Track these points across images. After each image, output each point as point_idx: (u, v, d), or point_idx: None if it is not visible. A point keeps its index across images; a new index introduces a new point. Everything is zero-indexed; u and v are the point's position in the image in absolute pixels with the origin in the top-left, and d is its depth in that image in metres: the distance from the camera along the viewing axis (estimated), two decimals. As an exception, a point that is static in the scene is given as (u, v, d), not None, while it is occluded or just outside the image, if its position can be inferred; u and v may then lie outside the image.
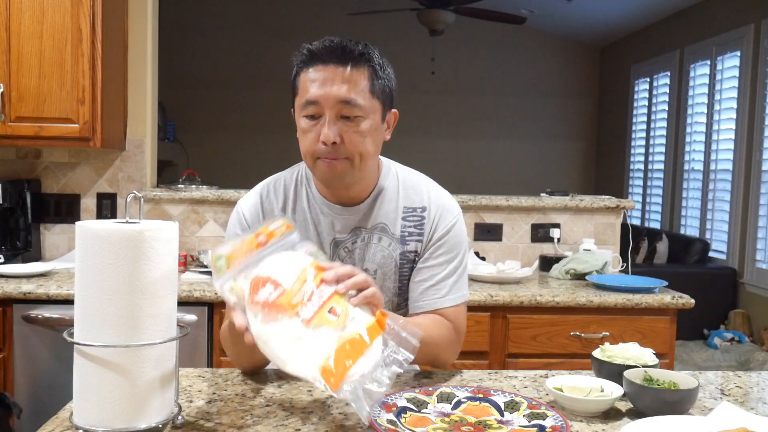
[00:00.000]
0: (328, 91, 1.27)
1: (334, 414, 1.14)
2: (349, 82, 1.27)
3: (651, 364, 1.25)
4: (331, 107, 1.28)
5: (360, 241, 1.41)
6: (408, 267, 1.42)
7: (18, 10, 2.51)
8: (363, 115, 1.30)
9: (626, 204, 3.04)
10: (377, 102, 1.32)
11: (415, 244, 1.42)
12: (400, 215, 1.42)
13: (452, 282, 1.41)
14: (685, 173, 6.19)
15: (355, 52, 1.28)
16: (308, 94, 1.29)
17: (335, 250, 1.42)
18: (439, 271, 1.41)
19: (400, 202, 1.43)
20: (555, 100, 8.35)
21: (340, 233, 1.42)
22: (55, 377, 2.28)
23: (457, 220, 1.44)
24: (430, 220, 1.42)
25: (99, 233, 0.98)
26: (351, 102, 1.28)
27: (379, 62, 1.32)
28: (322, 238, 1.42)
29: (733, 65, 5.51)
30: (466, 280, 1.45)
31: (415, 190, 1.45)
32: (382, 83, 1.33)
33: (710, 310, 5.22)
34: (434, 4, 6.19)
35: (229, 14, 7.75)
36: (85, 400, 1.01)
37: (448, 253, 1.42)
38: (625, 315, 2.40)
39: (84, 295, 1.00)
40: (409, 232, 1.42)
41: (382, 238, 1.41)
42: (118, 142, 2.82)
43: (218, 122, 7.86)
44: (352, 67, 1.28)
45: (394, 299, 1.44)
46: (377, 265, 1.41)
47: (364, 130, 1.30)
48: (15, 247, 2.74)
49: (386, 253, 1.41)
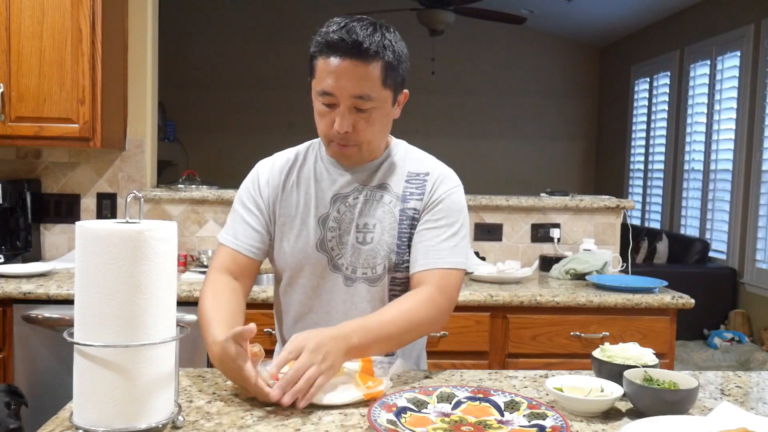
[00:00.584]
0: (344, 85, 1.31)
1: (334, 414, 1.13)
2: (363, 78, 1.32)
3: (651, 364, 1.25)
4: (345, 100, 1.33)
5: (362, 197, 1.45)
6: (407, 224, 1.44)
7: (18, 10, 2.50)
8: (375, 107, 1.35)
9: (626, 204, 3.04)
10: (389, 91, 1.37)
11: (415, 203, 1.45)
12: (404, 178, 1.47)
13: (451, 246, 1.42)
14: (685, 173, 6.19)
15: (371, 49, 1.31)
16: (324, 84, 1.33)
17: (334, 205, 1.45)
18: (438, 234, 1.42)
19: (405, 168, 1.48)
20: (555, 100, 8.35)
21: (343, 189, 1.45)
22: (55, 377, 2.28)
23: (457, 189, 1.48)
24: (431, 183, 1.46)
25: (99, 233, 0.98)
26: (363, 97, 1.33)
27: (394, 54, 1.35)
28: (322, 194, 1.46)
29: (733, 65, 5.51)
30: (466, 251, 1.46)
31: (420, 161, 1.51)
32: (395, 74, 1.36)
33: (710, 310, 5.22)
34: (434, 4, 6.19)
35: (229, 14, 7.75)
36: (85, 400, 1.01)
37: (447, 217, 1.44)
38: (625, 315, 2.40)
39: (84, 295, 1.00)
40: (410, 192, 1.46)
41: (384, 196, 1.45)
42: (118, 142, 2.82)
43: (218, 122, 7.87)
44: (366, 63, 1.31)
45: (392, 257, 1.43)
46: (377, 219, 1.44)
47: (375, 119, 1.37)
48: (15, 247, 2.74)
49: (386, 209, 1.44)
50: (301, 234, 1.45)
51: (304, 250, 1.45)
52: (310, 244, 1.44)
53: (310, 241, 1.45)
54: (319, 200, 1.46)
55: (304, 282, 1.47)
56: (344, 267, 1.44)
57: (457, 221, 1.45)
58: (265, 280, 2.79)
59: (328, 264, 1.45)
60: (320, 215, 1.45)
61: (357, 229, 1.43)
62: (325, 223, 1.44)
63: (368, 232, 1.43)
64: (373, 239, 1.43)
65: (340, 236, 1.44)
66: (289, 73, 7.84)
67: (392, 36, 1.36)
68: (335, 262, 1.45)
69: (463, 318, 2.34)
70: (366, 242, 1.43)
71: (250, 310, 2.25)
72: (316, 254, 1.45)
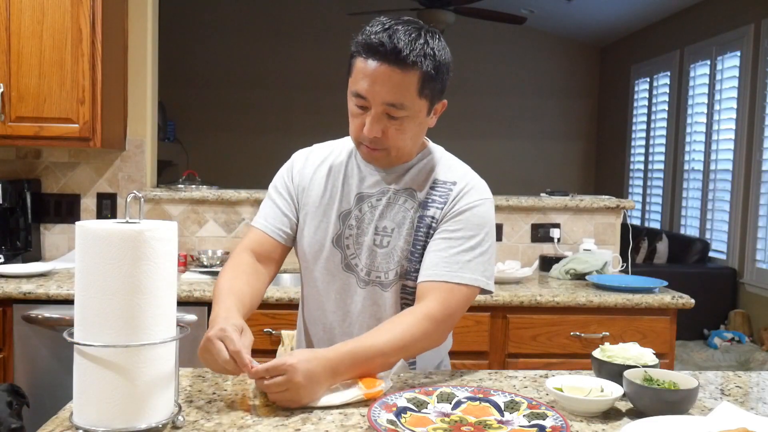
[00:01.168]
0: (377, 91, 1.29)
1: (334, 414, 1.13)
2: (398, 86, 1.28)
3: (651, 364, 1.25)
4: (378, 106, 1.30)
5: (385, 199, 1.42)
6: (423, 232, 1.40)
7: (18, 10, 2.51)
8: (409, 116, 1.32)
9: (626, 204, 3.04)
10: (425, 101, 1.33)
11: (434, 210, 1.40)
12: (429, 185, 1.43)
13: (465, 260, 1.35)
14: (685, 173, 6.19)
15: (410, 57, 1.27)
16: (358, 86, 1.31)
17: (358, 204, 1.43)
18: (453, 245, 1.36)
19: (433, 175, 1.44)
20: (555, 100, 8.35)
21: (368, 189, 1.44)
22: (55, 377, 2.28)
23: (484, 202, 1.41)
24: (455, 192, 1.41)
25: (99, 233, 0.98)
26: (397, 105, 1.30)
27: (434, 64, 1.30)
28: (348, 190, 1.45)
29: (733, 65, 5.51)
30: (484, 268, 1.38)
31: (451, 170, 1.45)
32: (433, 83, 1.33)
33: (710, 310, 5.22)
34: (434, 4, 6.19)
35: (229, 14, 7.75)
36: (85, 400, 1.01)
37: (466, 230, 1.37)
38: (625, 315, 2.40)
39: (84, 295, 1.00)
40: (433, 198, 1.41)
41: (407, 201, 1.42)
42: (118, 142, 2.82)
43: (218, 122, 7.87)
44: (403, 71, 1.27)
45: (404, 263, 1.40)
46: (395, 223, 1.41)
47: (406, 128, 1.34)
48: (15, 247, 2.74)
49: (407, 214, 1.41)
50: (321, 226, 1.45)
51: (321, 242, 1.45)
52: (328, 237, 1.44)
53: (328, 234, 1.44)
54: (344, 196, 1.45)
55: (317, 276, 1.47)
56: (359, 268, 1.43)
57: (477, 235, 1.38)
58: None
59: (341, 262, 1.44)
60: (342, 211, 1.44)
61: (375, 231, 1.41)
62: (345, 220, 1.43)
63: (386, 235, 1.41)
64: (390, 243, 1.41)
65: (358, 236, 1.42)
66: (289, 73, 7.85)
67: (436, 44, 1.31)
68: (348, 262, 1.43)
69: (463, 318, 2.32)
70: (382, 245, 1.41)
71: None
72: (331, 248, 1.44)
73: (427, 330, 1.30)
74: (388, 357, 1.25)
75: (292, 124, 7.80)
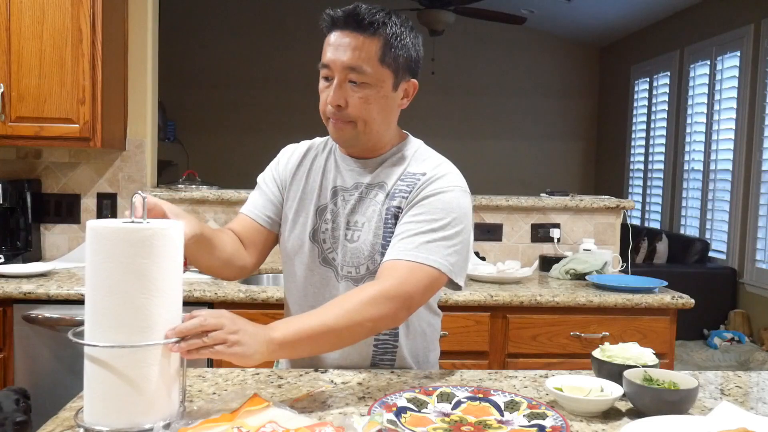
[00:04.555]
0: (338, 56, 1.32)
1: (334, 414, 1.14)
2: (358, 50, 1.31)
3: (651, 364, 1.25)
4: (339, 72, 1.32)
5: (358, 193, 1.43)
6: (391, 222, 1.38)
7: (18, 10, 2.51)
8: (370, 83, 1.33)
9: (626, 204, 3.04)
10: (388, 71, 1.35)
11: (400, 200, 1.38)
12: (400, 177, 1.41)
13: (424, 241, 1.30)
14: (685, 173, 6.19)
15: (366, 21, 1.31)
16: (324, 57, 1.34)
17: (333, 198, 1.44)
18: (413, 228, 1.32)
19: (406, 168, 1.43)
20: (555, 100, 8.35)
21: (344, 183, 1.45)
22: (55, 377, 2.28)
23: (452, 189, 1.37)
24: (422, 182, 1.38)
25: (110, 233, 0.99)
26: (357, 69, 1.31)
27: (395, 32, 1.34)
28: (326, 184, 1.46)
29: (733, 65, 5.52)
30: (447, 252, 1.31)
31: (425, 162, 1.43)
32: (395, 53, 1.34)
33: (710, 310, 5.23)
34: (434, 4, 6.20)
35: (229, 14, 7.75)
36: (94, 400, 1.01)
37: (429, 213, 1.33)
38: (625, 315, 2.40)
39: (93, 295, 1.00)
40: (400, 189, 1.40)
41: (378, 194, 1.42)
42: (118, 142, 2.82)
43: (218, 122, 7.87)
44: (363, 35, 1.31)
45: (377, 258, 1.38)
46: (366, 218, 1.41)
47: (368, 96, 1.34)
48: (15, 247, 2.74)
49: (376, 208, 1.40)
50: (300, 220, 1.46)
51: (301, 237, 1.46)
52: (306, 232, 1.45)
53: (306, 228, 1.45)
54: (322, 190, 1.46)
55: (296, 270, 1.48)
56: (336, 263, 1.43)
57: (441, 219, 1.32)
58: (264, 280, 2.79)
59: (319, 256, 1.44)
60: (320, 205, 1.45)
61: (347, 225, 1.42)
62: (322, 215, 1.44)
63: (356, 230, 1.41)
64: (360, 237, 1.40)
65: (333, 230, 1.43)
66: (289, 73, 7.85)
67: (399, 20, 1.36)
68: (326, 256, 1.44)
69: (463, 318, 2.35)
70: (353, 240, 1.41)
71: (251, 310, 2.27)
72: (309, 243, 1.45)
73: (379, 306, 1.23)
74: (337, 327, 1.19)
75: (293, 125, 7.78)
